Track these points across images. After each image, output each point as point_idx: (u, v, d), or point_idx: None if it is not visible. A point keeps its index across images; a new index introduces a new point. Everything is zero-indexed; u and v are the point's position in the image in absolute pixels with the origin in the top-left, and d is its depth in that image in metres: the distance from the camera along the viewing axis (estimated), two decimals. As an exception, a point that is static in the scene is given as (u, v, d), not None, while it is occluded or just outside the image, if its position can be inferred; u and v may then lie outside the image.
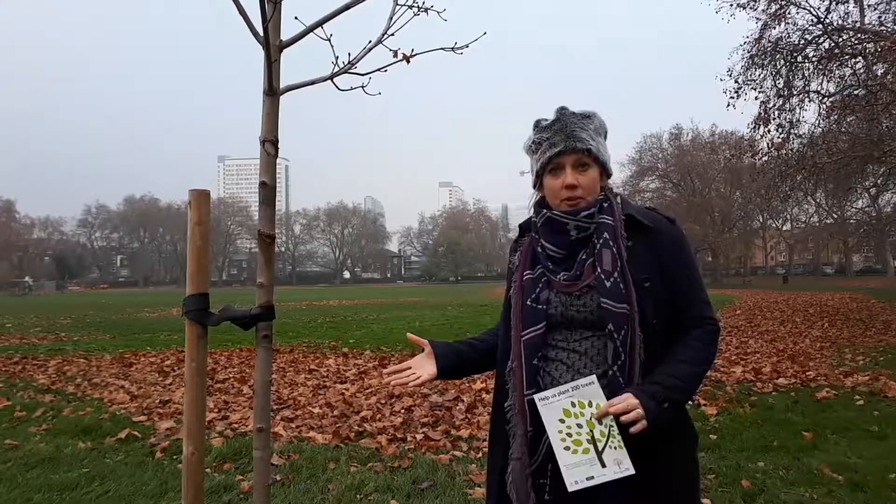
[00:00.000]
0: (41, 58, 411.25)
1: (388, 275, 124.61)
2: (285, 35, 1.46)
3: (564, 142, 1.43)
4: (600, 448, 1.31)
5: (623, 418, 1.28)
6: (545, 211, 1.48)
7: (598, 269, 1.37)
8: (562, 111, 1.48)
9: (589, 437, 1.32)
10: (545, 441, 1.36)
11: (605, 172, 1.50)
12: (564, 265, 1.45)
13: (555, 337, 1.43)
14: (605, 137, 1.51)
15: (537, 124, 1.51)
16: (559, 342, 1.43)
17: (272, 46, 1.42)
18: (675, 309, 1.41)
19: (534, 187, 1.58)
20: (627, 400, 1.29)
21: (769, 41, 12.98)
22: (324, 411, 5.32)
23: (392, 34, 1.59)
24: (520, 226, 1.62)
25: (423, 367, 1.58)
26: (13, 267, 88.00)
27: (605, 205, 1.45)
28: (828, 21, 12.20)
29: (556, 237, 1.46)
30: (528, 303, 1.44)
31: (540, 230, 1.50)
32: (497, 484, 1.48)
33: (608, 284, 1.36)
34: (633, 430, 1.28)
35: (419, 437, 4.43)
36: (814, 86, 13.16)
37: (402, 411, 5.27)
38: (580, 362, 1.39)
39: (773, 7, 12.70)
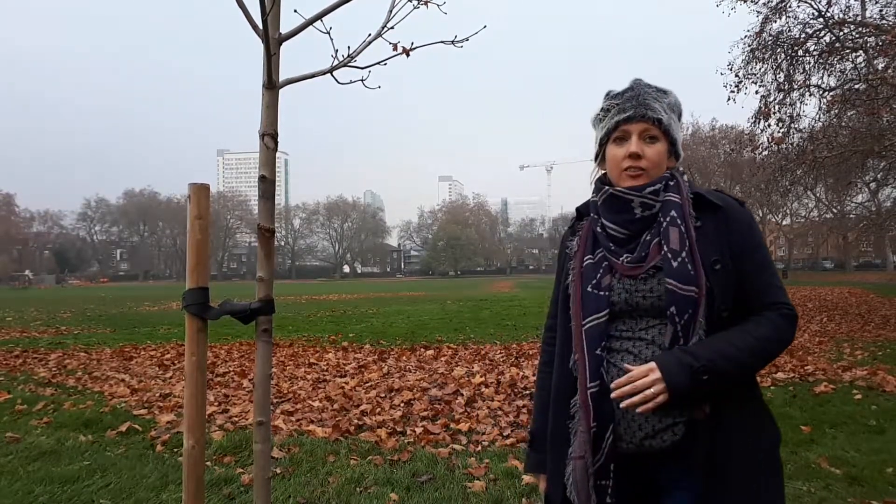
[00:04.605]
0: (41, 54, 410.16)
1: (388, 269, 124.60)
2: (285, 28, 1.46)
3: (635, 108, 1.35)
4: None
5: (626, 403, 1.22)
6: (607, 188, 1.38)
7: (665, 248, 1.28)
8: (637, 81, 1.41)
9: None
10: (608, 439, 1.28)
11: (675, 152, 1.41)
12: (627, 247, 1.34)
13: (618, 327, 1.33)
14: (680, 118, 1.42)
15: (609, 93, 1.42)
16: (623, 332, 1.32)
17: (271, 40, 1.41)
18: (746, 295, 1.30)
19: (595, 160, 1.48)
20: (650, 372, 1.22)
21: (770, 35, 12.92)
22: (323, 405, 5.33)
23: (392, 27, 1.59)
24: (577, 209, 1.51)
25: None
26: (13, 260, 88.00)
27: (671, 183, 1.36)
28: (829, 15, 12.14)
29: (618, 216, 1.36)
30: (589, 289, 1.34)
31: (600, 209, 1.40)
32: (560, 487, 1.38)
33: (675, 264, 1.26)
34: (647, 406, 1.21)
35: (419, 430, 4.45)
36: (814, 80, 13.11)
37: (402, 405, 5.28)
38: (647, 351, 1.29)
39: (774, 0, 12.66)
